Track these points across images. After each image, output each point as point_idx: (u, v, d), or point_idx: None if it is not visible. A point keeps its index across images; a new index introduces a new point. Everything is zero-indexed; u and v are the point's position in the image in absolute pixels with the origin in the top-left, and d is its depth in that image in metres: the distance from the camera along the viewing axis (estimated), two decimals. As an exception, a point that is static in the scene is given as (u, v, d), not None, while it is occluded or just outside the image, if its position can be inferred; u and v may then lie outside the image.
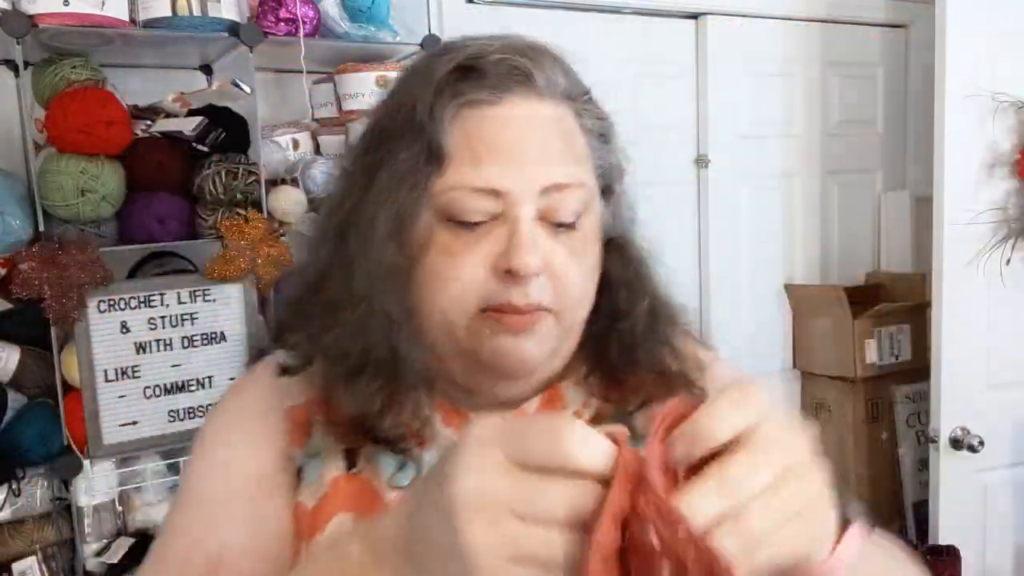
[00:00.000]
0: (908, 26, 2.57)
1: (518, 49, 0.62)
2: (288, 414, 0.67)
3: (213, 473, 0.67)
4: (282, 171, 1.56)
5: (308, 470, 0.65)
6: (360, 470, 0.65)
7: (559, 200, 0.60)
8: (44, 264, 1.27)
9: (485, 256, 0.60)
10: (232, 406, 0.71)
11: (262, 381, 0.70)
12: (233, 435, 0.68)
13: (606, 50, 2.19)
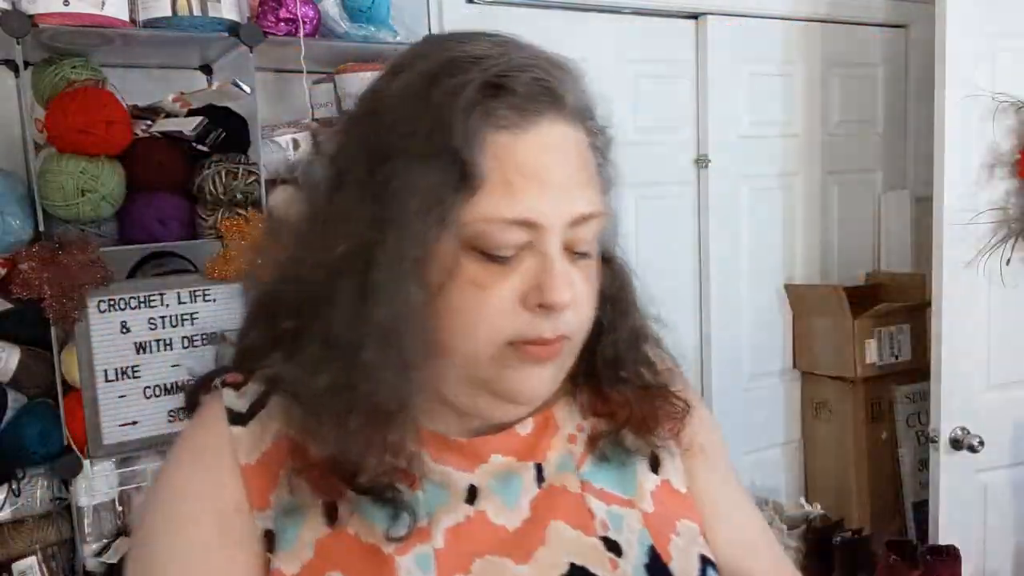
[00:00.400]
0: (908, 26, 2.57)
1: (546, 66, 0.58)
2: (244, 473, 0.60)
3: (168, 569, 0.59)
4: (282, 171, 1.56)
5: (283, 533, 0.59)
6: (346, 525, 0.59)
7: (583, 230, 0.59)
8: (44, 264, 1.27)
9: (515, 289, 0.57)
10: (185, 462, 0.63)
11: (218, 430, 0.62)
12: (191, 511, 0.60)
13: (606, 50, 2.19)
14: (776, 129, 2.43)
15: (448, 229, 0.55)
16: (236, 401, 0.63)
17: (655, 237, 2.32)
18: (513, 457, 0.65)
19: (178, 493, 0.61)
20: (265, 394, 0.63)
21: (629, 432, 0.68)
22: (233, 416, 0.62)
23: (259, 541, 0.59)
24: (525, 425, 0.67)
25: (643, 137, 2.27)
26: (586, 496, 0.65)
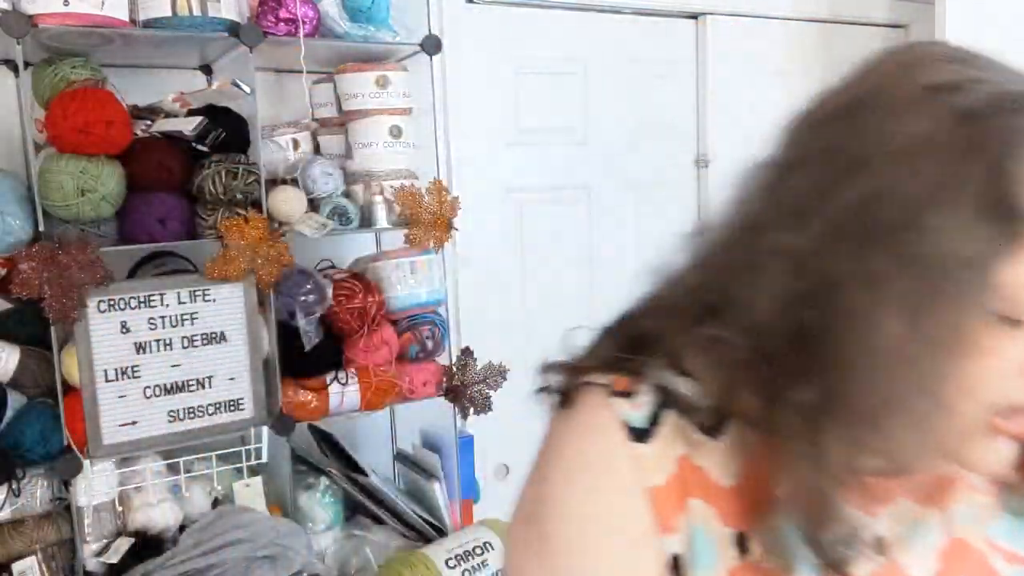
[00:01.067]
0: (908, 26, 2.57)
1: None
2: (653, 496, 0.57)
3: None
4: (282, 171, 1.56)
5: (699, 563, 0.56)
6: (758, 557, 0.55)
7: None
8: (44, 264, 1.27)
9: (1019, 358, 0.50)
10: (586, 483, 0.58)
11: (618, 448, 0.57)
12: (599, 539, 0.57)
13: (606, 50, 2.19)
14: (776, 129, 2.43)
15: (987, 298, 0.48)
16: (632, 414, 0.59)
17: (655, 237, 2.32)
18: (916, 503, 0.60)
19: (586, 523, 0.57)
20: (660, 407, 0.59)
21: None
22: (633, 432, 0.58)
23: (665, 566, 0.57)
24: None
25: (643, 137, 2.27)
26: (991, 555, 0.60)
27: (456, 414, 1.72)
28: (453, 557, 1.56)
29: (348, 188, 1.63)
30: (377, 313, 1.56)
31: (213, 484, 1.51)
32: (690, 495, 0.57)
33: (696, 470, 0.57)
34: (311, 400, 1.54)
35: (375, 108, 1.60)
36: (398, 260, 1.63)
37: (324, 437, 1.76)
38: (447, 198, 1.64)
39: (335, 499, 1.65)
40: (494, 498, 2.05)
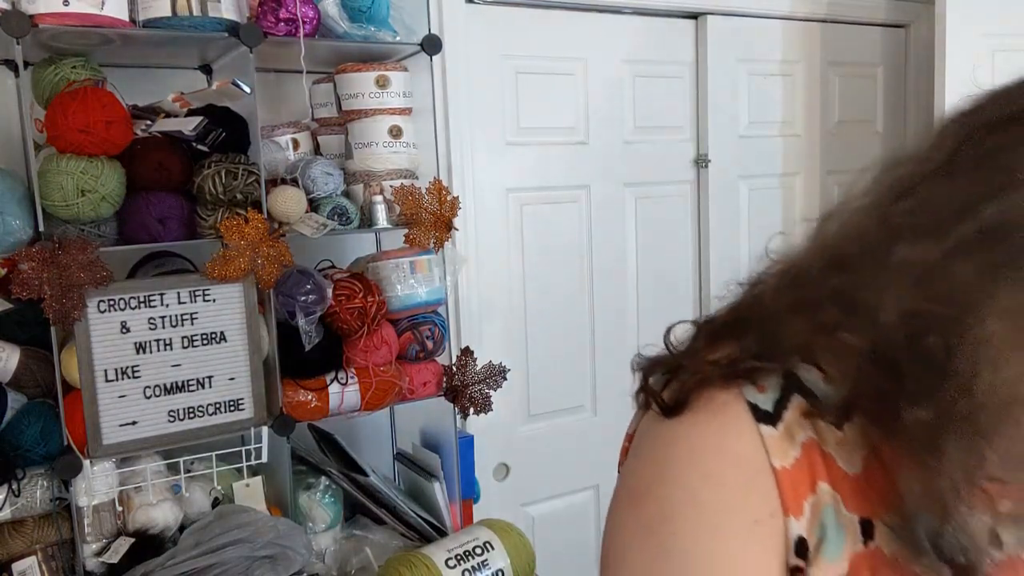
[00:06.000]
0: (908, 26, 2.57)
1: None
2: (780, 477, 0.56)
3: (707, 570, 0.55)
4: (282, 171, 1.56)
5: (828, 544, 0.56)
6: (882, 545, 0.56)
7: None
8: (44, 264, 1.27)
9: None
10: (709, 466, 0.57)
11: (745, 429, 0.57)
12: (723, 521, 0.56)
13: (606, 50, 2.19)
14: (776, 129, 2.43)
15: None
16: (759, 396, 0.58)
17: (655, 237, 2.33)
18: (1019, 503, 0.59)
19: (715, 503, 0.56)
20: (786, 393, 0.58)
21: None
22: (760, 414, 0.57)
23: (788, 547, 0.56)
24: None
25: (643, 137, 2.27)
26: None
27: (456, 414, 1.72)
28: (453, 557, 1.56)
29: (348, 188, 1.63)
30: (377, 313, 1.56)
31: (213, 484, 1.51)
32: (818, 478, 0.57)
33: (824, 455, 0.57)
34: (311, 400, 1.54)
35: (375, 108, 1.60)
36: (398, 260, 1.63)
37: (324, 437, 1.76)
38: (447, 198, 1.64)
39: (335, 499, 1.65)
40: (494, 498, 2.05)
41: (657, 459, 0.60)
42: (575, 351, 2.26)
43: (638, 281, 2.32)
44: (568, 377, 2.26)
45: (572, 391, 2.27)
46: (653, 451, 0.61)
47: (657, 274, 2.33)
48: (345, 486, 1.66)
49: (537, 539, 1.96)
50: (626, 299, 2.30)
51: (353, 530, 1.69)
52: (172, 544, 1.41)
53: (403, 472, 1.90)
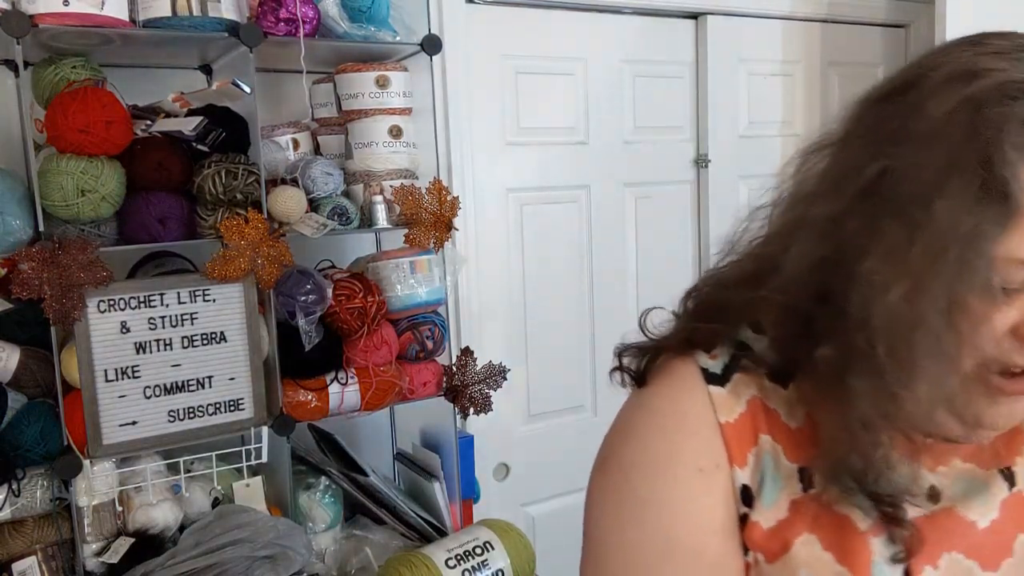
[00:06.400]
0: (908, 26, 2.57)
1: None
2: (725, 431, 0.63)
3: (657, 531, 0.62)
4: (282, 171, 1.56)
5: (765, 491, 0.62)
6: (820, 491, 0.61)
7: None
8: (44, 264, 1.27)
9: (1010, 319, 0.55)
10: (663, 424, 0.65)
11: (696, 390, 0.64)
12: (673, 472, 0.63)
13: (606, 50, 2.19)
14: (776, 129, 2.43)
15: (987, 271, 0.53)
16: (709, 362, 0.66)
17: (655, 237, 2.33)
18: (974, 464, 0.64)
19: (663, 458, 0.64)
20: (735, 358, 0.65)
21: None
22: (709, 376, 0.65)
23: (735, 495, 0.63)
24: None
25: (643, 137, 2.27)
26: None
27: (456, 414, 1.72)
28: (453, 557, 1.56)
29: (348, 188, 1.63)
30: (377, 313, 1.56)
31: (213, 484, 1.51)
32: (760, 431, 0.63)
33: (767, 410, 0.63)
34: (311, 400, 1.54)
35: (375, 108, 1.60)
36: (398, 260, 1.63)
37: (324, 437, 1.76)
38: (447, 198, 1.64)
39: (335, 499, 1.65)
40: (494, 498, 2.05)
41: (622, 425, 0.68)
42: (575, 351, 2.26)
43: (638, 281, 2.32)
44: (568, 377, 2.26)
45: (572, 391, 2.27)
46: (620, 419, 0.69)
47: (657, 274, 2.33)
48: (345, 486, 1.66)
49: (537, 539, 1.96)
50: (626, 299, 2.30)
51: (353, 530, 1.69)
52: (172, 544, 1.41)
53: (403, 472, 1.90)
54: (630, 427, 0.67)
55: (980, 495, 0.62)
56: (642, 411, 0.67)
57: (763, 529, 0.62)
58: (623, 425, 0.68)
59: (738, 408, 0.64)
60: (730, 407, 0.64)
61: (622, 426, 0.68)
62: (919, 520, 0.60)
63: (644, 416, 0.67)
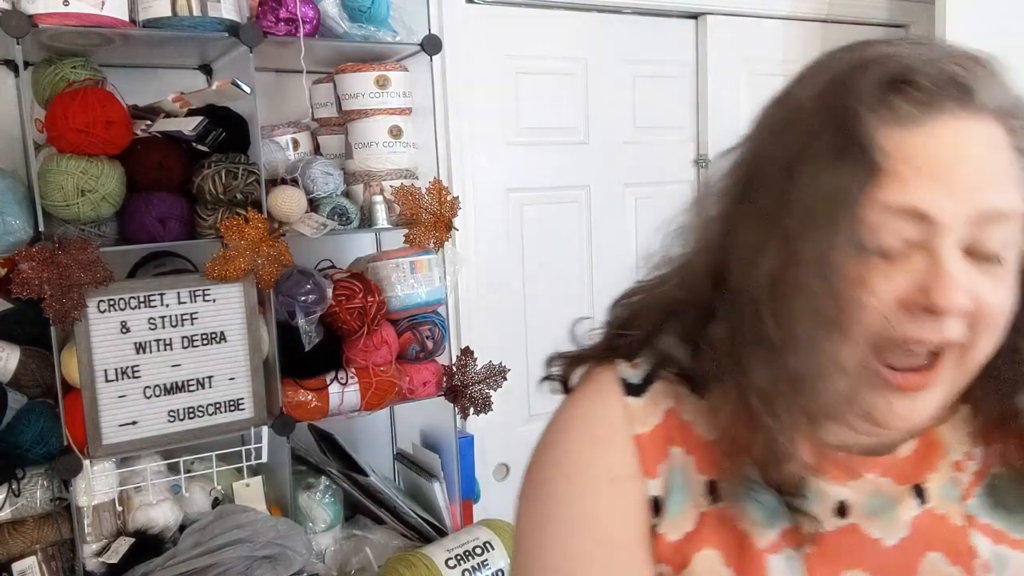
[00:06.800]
0: (908, 26, 2.57)
1: (957, 60, 0.56)
2: (638, 442, 0.63)
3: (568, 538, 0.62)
4: (282, 171, 1.56)
5: (671, 503, 0.62)
6: (726, 506, 0.61)
7: (989, 229, 0.54)
8: (44, 264, 1.27)
9: (896, 287, 0.54)
10: (580, 433, 0.65)
11: (613, 400, 0.65)
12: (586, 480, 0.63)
13: (606, 50, 2.19)
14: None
15: (850, 228, 0.54)
16: (630, 372, 0.66)
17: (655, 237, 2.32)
18: (890, 479, 0.63)
19: (578, 467, 0.64)
20: (656, 369, 0.66)
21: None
22: (627, 386, 0.65)
23: (646, 506, 0.63)
24: (905, 447, 0.64)
25: (643, 137, 2.27)
26: (971, 532, 0.61)
27: (456, 414, 1.72)
28: (453, 557, 1.56)
29: (348, 188, 1.63)
30: (377, 313, 1.56)
31: (213, 484, 1.51)
32: (672, 443, 0.64)
33: (682, 423, 0.63)
34: (311, 400, 1.54)
35: (375, 108, 1.60)
36: (398, 260, 1.63)
37: (324, 437, 1.76)
38: (447, 198, 1.64)
39: (335, 499, 1.65)
40: (494, 498, 2.05)
41: (546, 432, 0.69)
42: (575, 351, 2.26)
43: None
44: (568, 377, 2.25)
45: (572, 391, 2.27)
46: (547, 426, 0.69)
47: (657, 274, 2.32)
48: (345, 486, 1.66)
49: (537, 539, 1.95)
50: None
51: (353, 530, 1.69)
52: (172, 544, 1.41)
53: (403, 472, 1.90)
54: (550, 435, 0.67)
55: (889, 512, 0.61)
56: (562, 419, 0.68)
57: (668, 541, 0.62)
58: (546, 432, 0.68)
59: (653, 419, 0.64)
60: (645, 418, 0.64)
61: (546, 433, 0.68)
62: (824, 535, 0.60)
63: (563, 425, 0.67)
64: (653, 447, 0.63)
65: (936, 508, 0.62)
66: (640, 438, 0.63)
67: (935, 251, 0.54)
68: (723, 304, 0.60)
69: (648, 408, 0.64)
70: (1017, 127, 0.57)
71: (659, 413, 0.64)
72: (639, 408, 0.64)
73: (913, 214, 0.53)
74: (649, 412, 0.64)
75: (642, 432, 0.64)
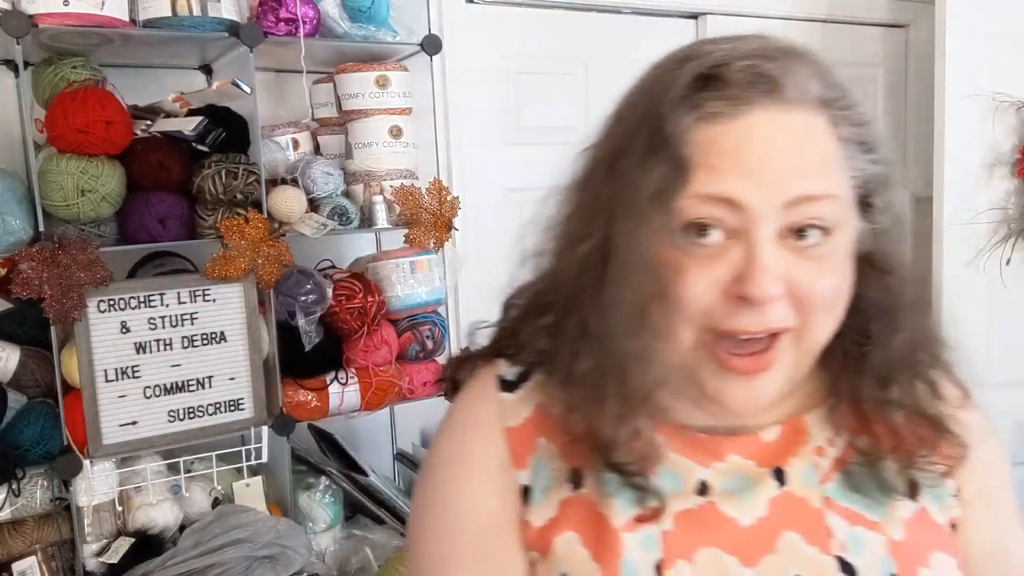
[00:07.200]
0: (908, 26, 2.57)
1: (766, 54, 0.58)
2: (508, 435, 0.67)
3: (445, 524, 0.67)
4: (282, 171, 1.56)
5: (536, 492, 0.65)
6: (587, 491, 0.64)
7: (804, 214, 0.56)
8: (44, 264, 1.27)
9: (717, 278, 0.57)
10: (459, 426, 0.70)
11: (489, 396, 0.69)
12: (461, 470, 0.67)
13: (606, 50, 2.19)
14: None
15: (666, 219, 0.56)
16: (508, 370, 0.70)
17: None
18: (753, 462, 0.65)
19: (454, 457, 0.68)
20: (531, 366, 0.69)
21: (890, 461, 0.64)
22: (503, 383, 0.69)
23: (517, 495, 0.65)
24: (770, 432, 0.66)
25: (643, 137, 2.27)
26: (827, 513, 0.63)
27: (456, 414, 1.71)
28: (453, 557, 1.56)
29: (348, 188, 1.63)
30: (377, 313, 1.56)
31: (213, 484, 1.51)
32: (539, 435, 0.67)
33: (550, 415, 0.66)
34: (311, 400, 1.54)
35: (375, 108, 1.60)
36: (398, 260, 1.63)
37: (324, 437, 1.76)
38: (447, 198, 1.64)
39: (335, 499, 1.65)
40: (494, 498, 2.05)
41: (437, 428, 0.73)
42: (575, 351, 2.26)
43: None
44: (568, 377, 2.26)
45: (572, 391, 2.27)
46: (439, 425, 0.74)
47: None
48: (345, 486, 1.66)
49: (537, 539, 1.96)
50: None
51: (353, 530, 1.69)
52: (172, 544, 1.41)
53: (403, 472, 1.90)
54: (438, 430, 0.72)
55: (747, 493, 0.63)
56: (448, 416, 0.72)
57: (534, 528, 0.64)
58: (437, 428, 0.73)
59: (524, 413, 0.67)
60: (517, 412, 0.67)
61: (437, 429, 0.73)
62: (681, 514, 0.62)
63: (447, 420, 0.72)
64: (522, 439, 0.67)
65: (796, 491, 0.64)
66: (510, 431, 0.67)
67: (750, 241, 0.56)
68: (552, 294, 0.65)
69: (520, 403, 0.68)
70: (840, 116, 0.59)
71: (530, 407, 0.67)
72: (511, 403, 0.68)
73: (726, 204, 0.55)
74: (520, 407, 0.68)
75: (512, 425, 0.67)
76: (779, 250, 0.56)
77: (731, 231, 0.57)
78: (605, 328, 0.59)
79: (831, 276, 0.58)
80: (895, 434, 0.64)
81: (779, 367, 0.60)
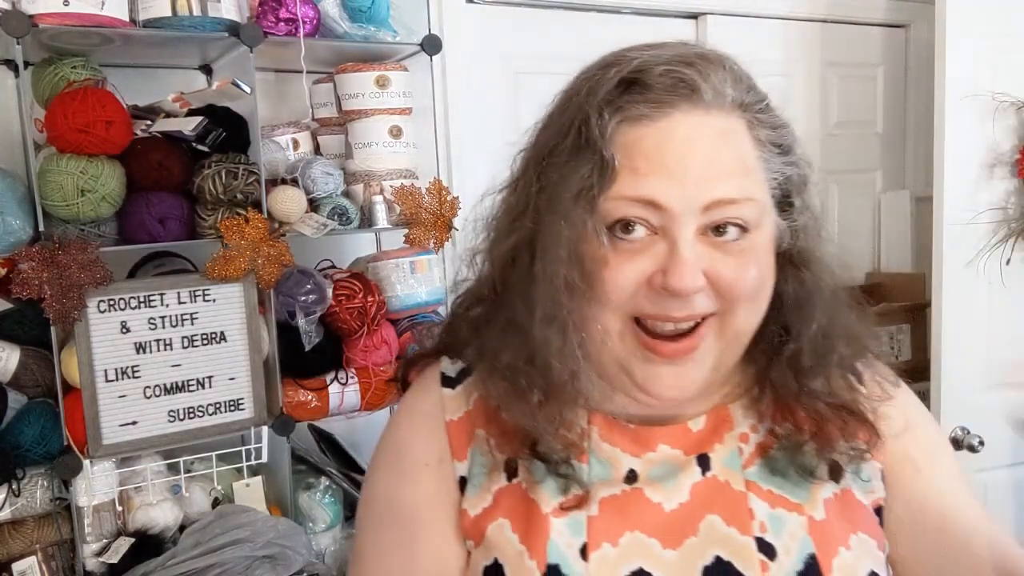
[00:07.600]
0: (908, 26, 2.57)
1: (686, 60, 0.61)
2: (449, 428, 0.70)
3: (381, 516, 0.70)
4: (282, 171, 1.56)
5: (473, 483, 0.68)
6: (520, 481, 0.67)
7: (723, 214, 0.59)
8: (44, 264, 1.27)
9: (642, 270, 0.60)
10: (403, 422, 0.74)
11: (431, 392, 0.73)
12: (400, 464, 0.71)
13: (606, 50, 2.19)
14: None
15: (592, 216, 0.59)
16: (450, 367, 0.74)
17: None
18: (680, 451, 0.68)
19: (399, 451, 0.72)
20: (472, 362, 0.72)
21: (811, 445, 0.66)
22: (445, 379, 0.73)
23: (455, 486, 0.69)
24: (698, 422, 0.69)
25: (643, 137, 2.27)
26: (749, 495, 0.65)
27: (456, 414, 1.72)
28: (453, 557, 1.56)
29: (348, 188, 1.63)
30: (377, 313, 1.56)
31: (213, 484, 1.51)
32: (477, 427, 0.70)
33: (488, 408, 0.68)
34: (311, 400, 1.54)
35: (375, 108, 1.60)
36: (398, 260, 1.63)
37: (324, 437, 1.76)
38: (447, 198, 1.64)
39: (335, 499, 1.65)
40: (494, 498, 2.05)
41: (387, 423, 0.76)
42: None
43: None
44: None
45: (572, 391, 2.27)
46: None
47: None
48: (345, 486, 1.66)
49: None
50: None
51: (353, 530, 1.69)
52: (172, 544, 1.41)
53: (403, 472, 1.90)
54: (385, 427, 0.76)
55: (672, 479, 0.66)
56: (395, 412, 0.76)
57: (470, 517, 0.67)
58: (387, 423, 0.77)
59: (464, 407, 0.71)
60: (457, 406, 0.71)
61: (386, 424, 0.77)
62: (607, 500, 0.65)
63: (394, 416, 0.76)
64: (461, 432, 0.70)
65: (719, 476, 0.66)
66: (450, 424, 0.70)
67: (671, 237, 0.59)
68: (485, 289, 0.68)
69: (460, 398, 0.71)
70: (757, 119, 0.63)
71: (470, 401, 0.71)
72: (452, 398, 0.71)
73: (649, 205, 0.59)
74: (460, 401, 0.71)
75: (452, 419, 0.70)
76: (700, 245, 0.59)
77: (654, 228, 0.60)
78: (529, 321, 0.61)
79: (751, 268, 0.61)
80: (816, 420, 0.66)
81: (704, 353, 0.62)
